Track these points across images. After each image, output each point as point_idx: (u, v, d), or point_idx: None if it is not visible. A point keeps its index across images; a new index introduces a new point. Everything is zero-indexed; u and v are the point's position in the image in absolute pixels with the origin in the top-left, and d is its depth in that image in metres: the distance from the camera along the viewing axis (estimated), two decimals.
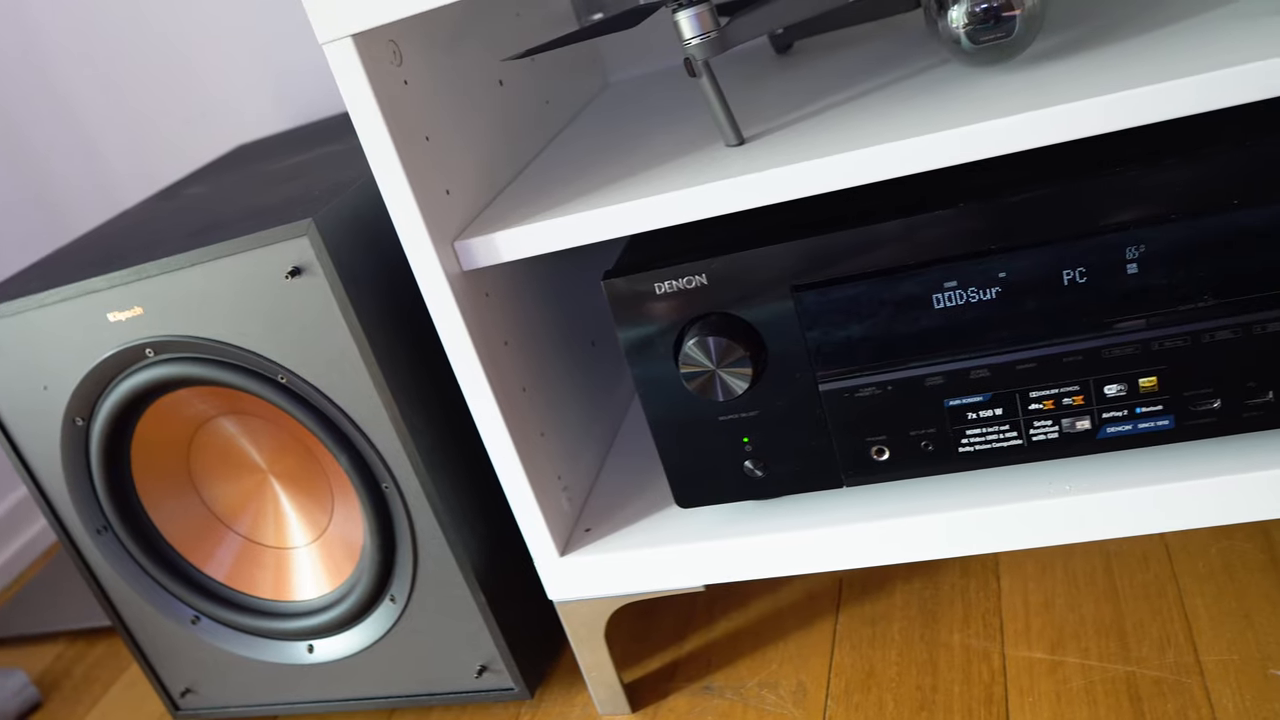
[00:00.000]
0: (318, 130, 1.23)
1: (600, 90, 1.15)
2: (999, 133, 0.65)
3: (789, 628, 0.97)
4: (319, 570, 0.97)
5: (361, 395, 0.83)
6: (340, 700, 1.00)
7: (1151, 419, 0.73)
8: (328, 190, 0.85)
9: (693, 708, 0.91)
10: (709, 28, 0.71)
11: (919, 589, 0.97)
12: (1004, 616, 0.91)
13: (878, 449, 0.77)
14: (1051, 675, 0.83)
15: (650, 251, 0.78)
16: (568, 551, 0.86)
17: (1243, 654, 0.80)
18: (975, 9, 0.69)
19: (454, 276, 0.76)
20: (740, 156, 0.74)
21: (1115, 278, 0.69)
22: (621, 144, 0.88)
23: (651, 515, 0.88)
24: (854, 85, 0.83)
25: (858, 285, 0.72)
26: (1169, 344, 0.70)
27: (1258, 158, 0.65)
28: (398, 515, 0.88)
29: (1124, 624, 0.86)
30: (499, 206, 0.81)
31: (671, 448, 0.80)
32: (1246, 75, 0.61)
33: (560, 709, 0.95)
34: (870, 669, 0.90)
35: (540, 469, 0.84)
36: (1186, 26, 0.72)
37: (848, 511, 0.81)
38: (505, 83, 0.91)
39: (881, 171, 0.67)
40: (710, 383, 0.75)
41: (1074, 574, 0.93)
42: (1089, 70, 0.69)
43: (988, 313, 0.71)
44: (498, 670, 0.94)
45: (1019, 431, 0.75)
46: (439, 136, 0.78)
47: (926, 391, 0.75)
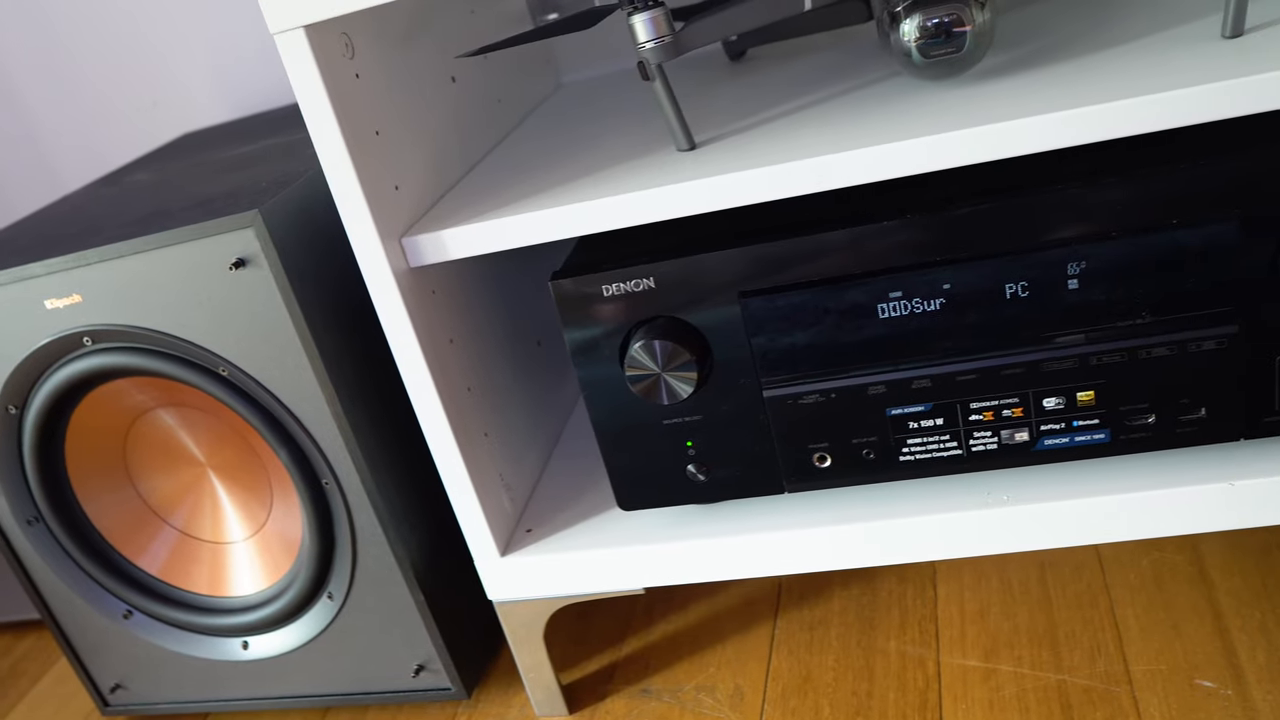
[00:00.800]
0: (266, 121, 1.21)
1: (553, 91, 1.15)
2: (947, 146, 0.66)
3: (727, 632, 0.97)
4: (256, 566, 0.96)
5: (304, 390, 0.82)
6: (274, 698, 0.99)
7: (1088, 432, 0.74)
8: (275, 182, 0.84)
9: (630, 710, 0.91)
10: (664, 32, 0.71)
11: (857, 595, 0.97)
12: (940, 624, 0.92)
13: (820, 456, 0.78)
14: (985, 683, 0.84)
15: (598, 253, 0.78)
16: (508, 552, 0.86)
17: (1170, 664, 0.82)
18: (927, 23, 0.70)
19: (401, 273, 0.76)
20: (691, 161, 0.74)
21: (1056, 293, 0.70)
22: (572, 145, 0.88)
23: (593, 517, 0.87)
24: (805, 94, 0.84)
25: (804, 293, 0.73)
26: (1107, 359, 0.72)
27: (1196, 179, 0.66)
28: (337, 512, 0.87)
29: (1056, 633, 0.87)
30: (448, 204, 0.81)
31: (615, 450, 0.80)
32: (1188, 98, 0.63)
33: (497, 709, 0.95)
34: (807, 674, 0.90)
35: (483, 468, 0.84)
36: (1133, 48, 0.73)
37: (788, 517, 0.81)
38: (458, 80, 0.90)
39: (830, 181, 0.68)
40: (655, 386, 0.75)
41: (1009, 583, 0.94)
42: (1036, 88, 0.70)
43: (931, 323, 0.72)
44: (435, 670, 0.93)
45: (959, 442, 0.76)
46: (389, 131, 0.77)
47: (869, 400, 0.75)
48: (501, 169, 0.87)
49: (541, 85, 1.12)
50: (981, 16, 0.70)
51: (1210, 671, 0.80)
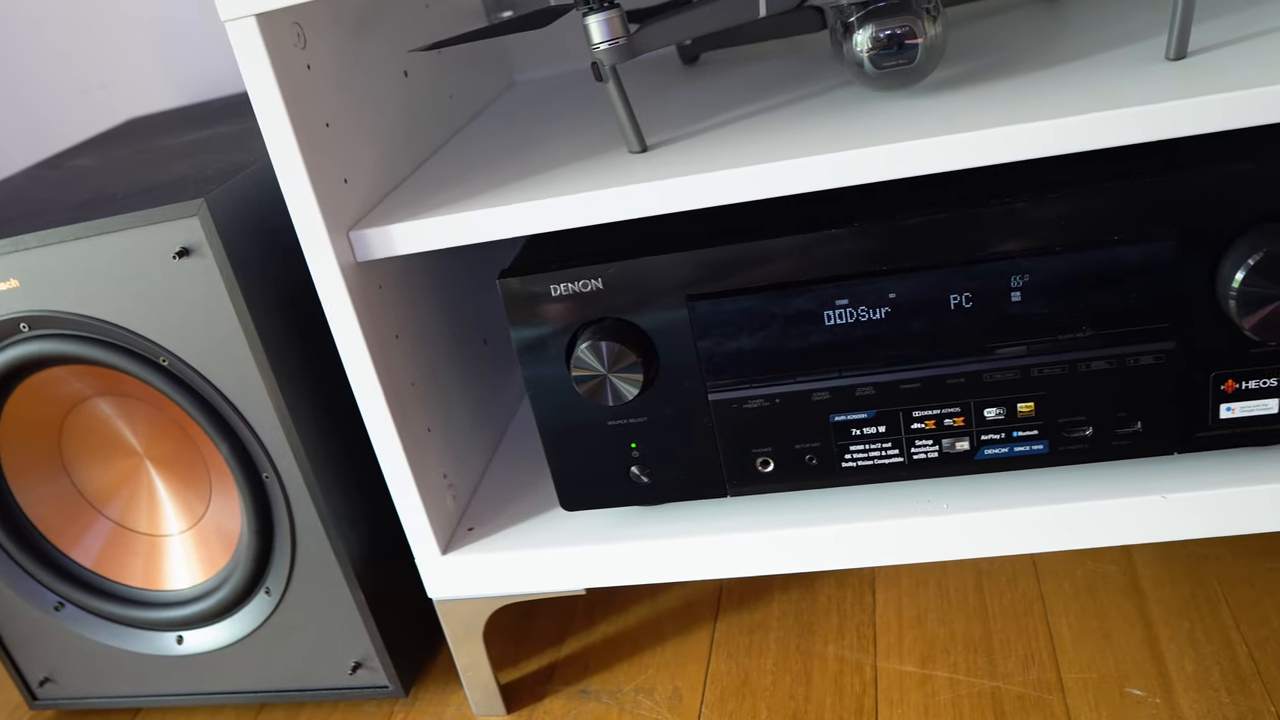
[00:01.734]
0: (215, 109, 1.20)
1: (506, 88, 1.15)
2: (896, 157, 0.67)
3: (667, 634, 0.98)
4: (192, 559, 0.95)
5: (246, 382, 0.81)
6: (208, 694, 0.98)
7: (1027, 443, 0.75)
8: (222, 171, 0.83)
9: (568, 711, 0.91)
10: (618, 33, 0.71)
11: (796, 600, 0.98)
12: (878, 629, 0.92)
13: (763, 460, 0.78)
14: (921, 688, 0.85)
15: (547, 253, 0.78)
16: (449, 550, 0.85)
17: (1101, 672, 0.83)
18: (879, 35, 0.71)
19: (348, 267, 0.75)
20: (642, 164, 0.74)
21: (1000, 304, 0.71)
22: (524, 143, 0.88)
23: (535, 517, 0.87)
24: (758, 100, 0.84)
25: (751, 298, 0.73)
26: (1047, 371, 0.73)
27: (1137, 197, 0.68)
28: (277, 506, 0.86)
29: (992, 640, 0.88)
30: (397, 198, 0.81)
31: (559, 450, 0.80)
32: (1129, 118, 0.64)
33: (435, 708, 0.95)
34: (745, 677, 0.91)
35: (425, 466, 0.83)
36: (1079, 67, 0.75)
37: (730, 521, 0.81)
38: (410, 74, 0.90)
39: (780, 187, 0.68)
40: (601, 387, 0.75)
41: (947, 590, 0.95)
42: (984, 102, 0.71)
43: (876, 332, 0.73)
44: (373, 667, 0.93)
45: (901, 449, 0.76)
46: (340, 124, 0.77)
47: (813, 406, 0.76)
48: (452, 165, 0.86)
49: (494, 83, 1.12)
50: (933, 30, 0.71)
51: (1140, 680, 0.82)
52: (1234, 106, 0.63)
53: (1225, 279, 0.67)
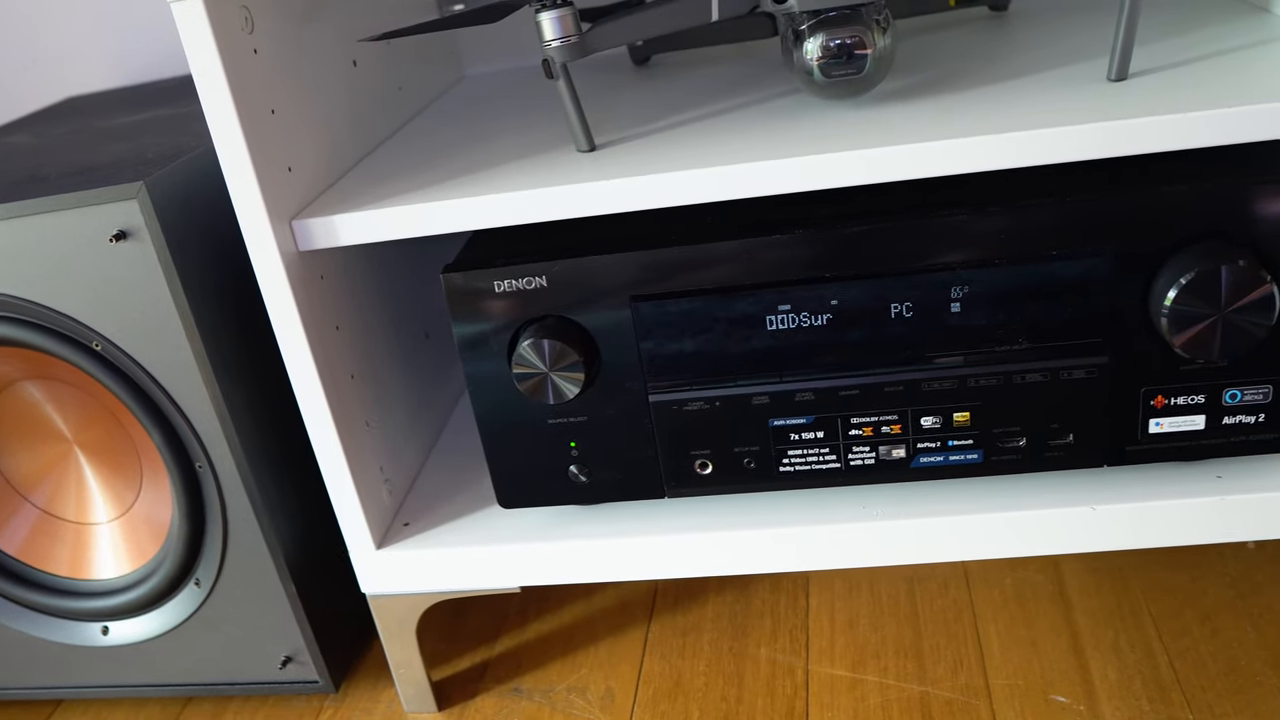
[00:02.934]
0: (158, 91, 1.18)
1: (455, 82, 1.14)
2: (841, 165, 0.67)
3: (601, 634, 0.98)
4: (120, 549, 0.93)
5: (181, 370, 0.80)
6: (133, 686, 0.96)
7: (962, 452, 0.76)
8: (163, 154, 0.82)
9: (500, 709, 0.91)
10: (570, 31, 0.71)
11: (731, 602, 0.99)
12: (810, 633, 0.93)
13: (701, 463, 0.79)
14: (851, 692, 0.86)
15: (492, 249, 0.78)
16: (384, 545, 0.85)
17: (1028, 679, 0.85)
18: (829, 44, 0.71)
19: (289, 256, 0.74)
20: (590, 163, 0.74)
21: (939, 315, 0.72)
22: (472, 138, 0.87)
23: (472, 513, 0.87)
24: (707, 104, 0.84)
25: (694, 301, 0.73)
26: (983, 382, 0.74)
27: (1075, 214, 0.69)
28: (209, 497, 0.85)
29: (922, 646, 0.90)
30: (341, 189, 0.80)
31: (497, 447, 0.80)
32: (1069, 136, 0.65)
33: (365, 704, 0.94)
34: (678, 678, 0.91)
35: (363, 459, 0.83)
36: (1023, 84, 0.76)
37: (667, 522, 0.82)
38: (359, 64, 0.89)
39: (726, 191, 0.69)
40: (542, 385, 0.75)
41: (879, 595, 0.96)
42: (930, 114, 0.72)
43: (817, 338, 0.74)
44: (303, 662, 0.92)
45: (838, 455, 0.77)
46: (285, 111, 0.76)
47: (753, 410, 0.76)
48: (398, 157, 0.85)
49: (444, 76, 1.11)
50: (882, 41, 0.72)
51: (1065, 687, 0.83)
52: (1169, 129, 0.64)
53: (1158, 297, 0.69)
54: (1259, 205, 0.67)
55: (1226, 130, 0.64)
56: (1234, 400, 0.73)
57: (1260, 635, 0.85)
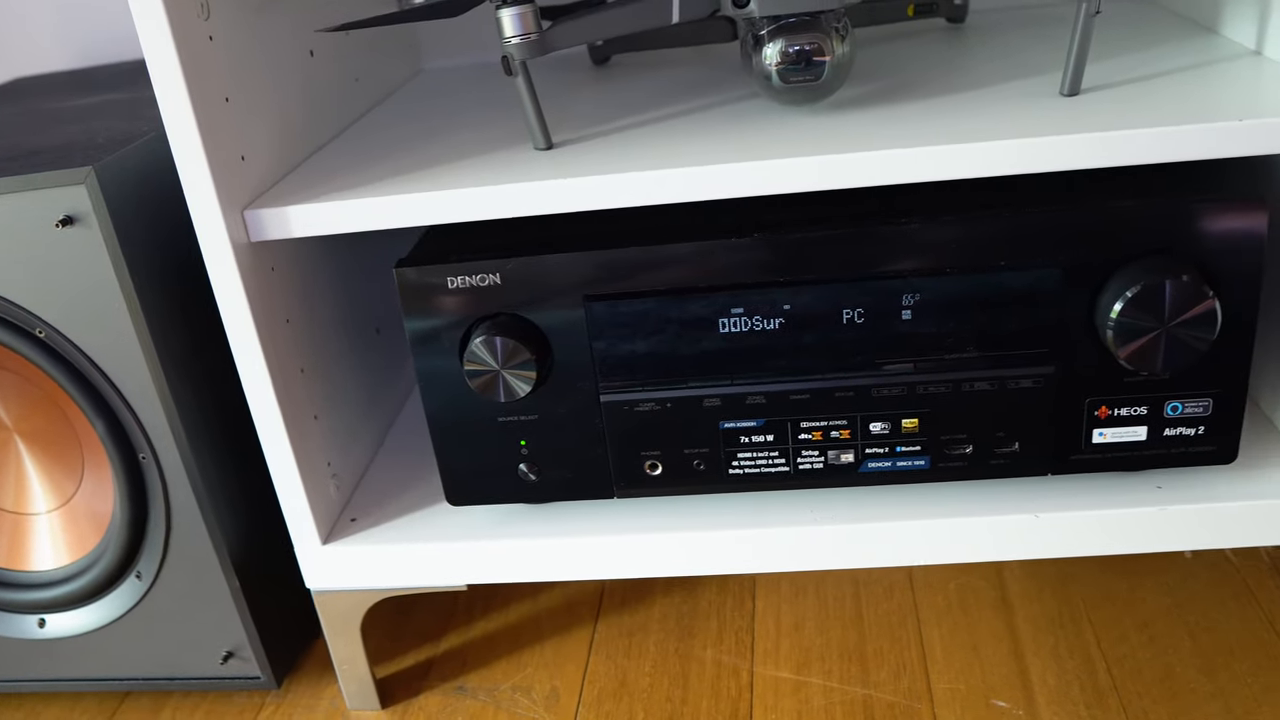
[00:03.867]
0: (110, 74, 1.16)
1: (413, 75, 1.14)
2: (796, 171, 0.68)
3: (547, 633, 0.97)
4: (60, 540, 0.91)
5: (126, 359, 0.78)
6: (69, 680, 0.94)
7: (910, 458, 0.77)
8: (113, 139, 0.81)
9: (444, 707, 0.90)
10: (531, 29, 0.71)
11: (678, 603, 0.99)
12: (756, 635, 0.94)
13: (651, 464, 0.79)
14: (795, 694, 0.87)
15: (446, 244, 0.78)
16: (330, 540, 0.84)
17: (969, 684, 0.86)
18: (788, 50, 0.72)
19: (240, 246, 0.74)
20: (547, 161, 0.74)
21: (890, 322, 0.73)
22: (428, 132, 0.87)
23: (420, 510, 0.86)
24: (665, 106, 0.84)
25: (648, 301, 0.74)
26: (932, 389, 0.74)
27: (1025, 226, 0.70)
28: (153, 489, 0.84)
29: (866, 649, 0.90)
30: (295, 180, 0.79)
31: (447, 444, 0.80)
32: (1019, 149, 0.66)
33: (307, 701, 0.93)
34: (624, 678, 0.91)
35: (310, 453, 0.82)
36: (978, 96, 0.77)
37: (616, 522, 0.82)
38: (316, 54, 0.88)
39: (682, 194, 0.69)
40: (493, 382, 0.75)
41: (825, 599, 0.97)
42: (885, 123, 0.72)
43: (769, 342, 0.74)
44: (245, 658, 0.91)
45: (787, 459, 0.78)
46: (240, 99, 0.75)
47: (703, 412, 0.77)
48: (353, 150, 0.85)
49: (402, 69, 1.10)
50: (841, 48, 0.72)
51: (1005, 692, 0.84)
52: (1119, 145, 0.66)
53: (1104, 309, 0.70)
54: (1203, 222, 0.68)
55: (1173, 148, 0.65)
56: (1175, 412, 0.74)
57: (1195, 643, 0.87)
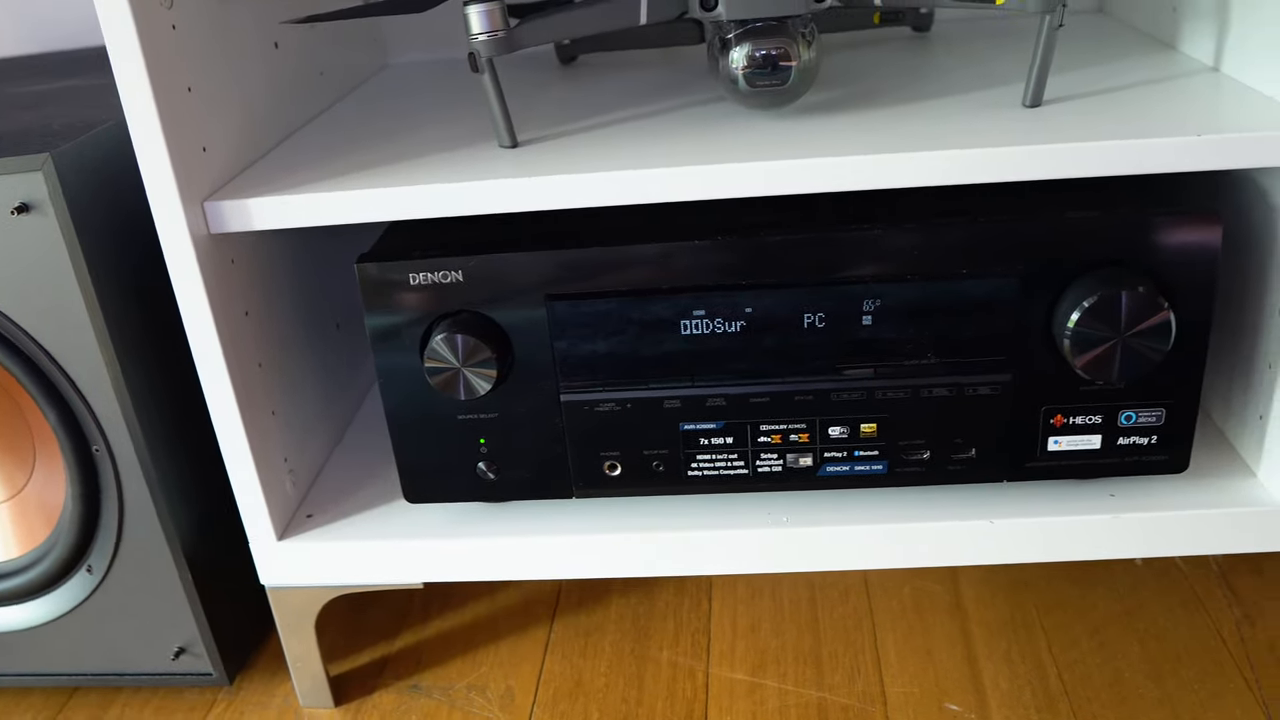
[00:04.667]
0: (70, 60, 1.14)
1: (379, 70, 1.13)
2: (760, 175, 0.68)
3: (503, 632, 0.97)
4: (8, 532, 0.90)
5: (81, 349, 0.77)
6: (16, 675, 0.93)
7: (867, 463, 0.77)
8: (71, 126, 0.79)
9: (398, 706, 0.90)
10: (498, 26, 0.71)
11: (634, 604, 0.99)
12: (712, 637, 0.94)
13: (611, 464, 0.79)
14: (750, 696, 0.87)
15: (409, 240, 0.77)
16: (286, 536, 0.83)
17: (923, 687, 0.86)
18: (755, 54, 0.72)
19: (200, 238, 0.73)
20: (512, 159, 0.74)
21: (850, 327, 0.73)
22: (393, 128, 0.86)
23: (377, 507, 0.86)
24: (631, 107, 0.85)
25: (610, 302, 0.74)
26: (891, 394, 0.75)
27: (985, 235, 0.70)
28: (106, 482, 0.83)
29: (821, 652, 0.91)
30: (257, 172, 0.78)
31: (406, 441, 0.79)
32: (981, 159, 0.67)
33: (259, 698, 0.92)
34: (579, 679, 0.91)
35: (267, 449, 0.81)
36: (942, 105, 0.77)
37: (574, 522, 0.82)
38: (281, 46, 0.87)
39: (647, 194, 0.69)
40: (453, 380, 0.74)
41: (781, 602, 0.97)
42: (849, 129, 0.73)
43: (730, 344, 0.74)
44: (197, 654, 0.90)
45: (746, 461, 0.78)
46: (203, 89, 0.74)
47: (664, 413, 0.77)
48: (317, 143, 0.84)
49: (367, 62, 1.10)
50: (807, 54, 0.73)
51: (958, 696, 0.85)
52: (1079, 157, 0.66)
53: (1061, 319, 0.71)
54: (1160, 235, 0.69)
55: (1132, 161, 0.66)
56: (1129, 422, 0.75)
57: (1144, 649, 0.88)
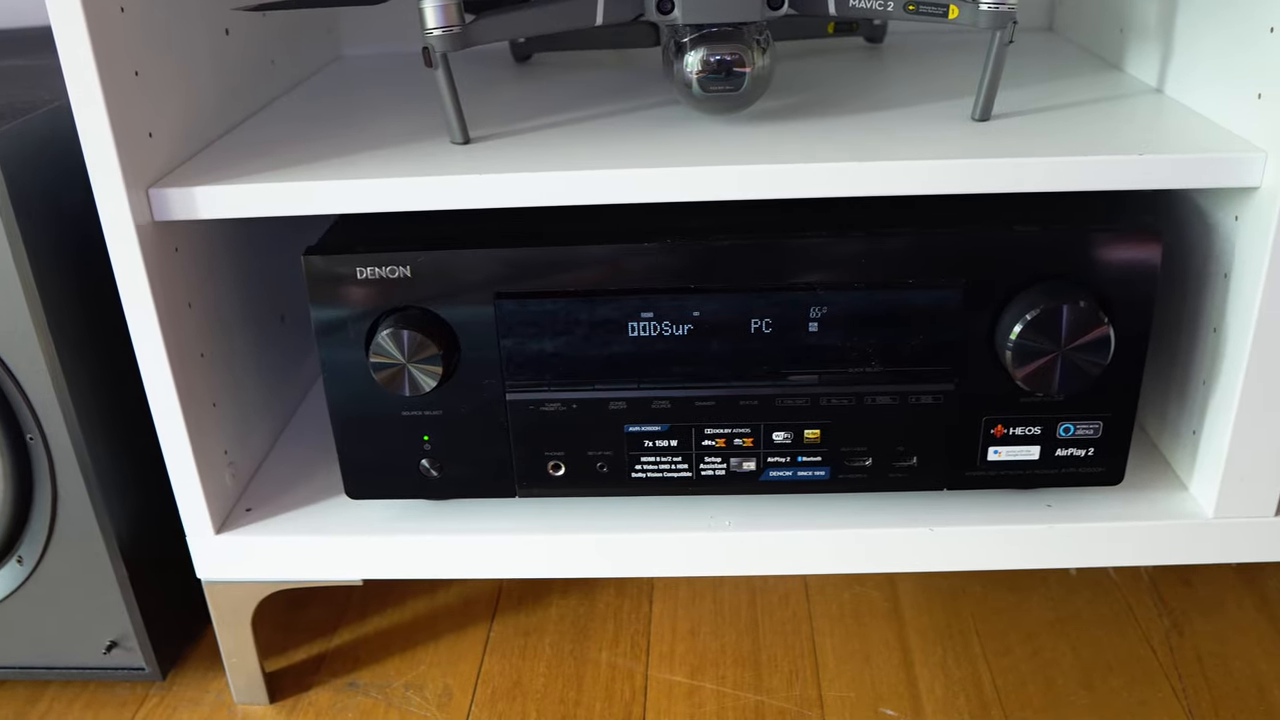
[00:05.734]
0: (13, 39, 1.12)
1: (331, 60, 1.12)
2: (712, 180, 0.68)
3: (442, 631, 0.97)
4: None
5: (18, 336, 0.76)
6: None
7: (810, 468, 0.78)
8: (13, 107, 0.78)
9: (334, 703, 0.89)
10: (454, 21, 0.71)
11: (575, 605, 0.99)
12: (652, 639, 0.94)
13: (555, 464, 0.79)
14: (688, 699, 0.87)
15: (357, 234, 0.77)
16: (224, 530, 0.82)
17: (859, 692, 0.87)
18: (709, 59, 0.72)
19: (143, 225, 0.72)
20: (463, 155, 0.73)
21: (797, 333, 0.74)
22: (344, 120, 0.86)
23: (318, 502, 0.85)
24: (585, 107, 0.85)
25: (558, 302, 0.74)
26: (835, 401, 0.76)
27: (931, 246, 0.71)
28: (40, 471, 0.81)
29: (759, 656, 0.91)
30: (204, 160, 0.77)
31: (349, 436, 0.79)
32: (933, 170, 0.67)
33: (192, 694, 0.91)
34: (518, 678, 0.91)
35: (206, 441, 0.80)
36: (892, 116, 0.78)
37: (516, 521, 0.81)
38: (232, 33, 0.86)
39: (596, 196, 0.69)
40: (398, 376, 0.74)
41: (721, 605, 0.98)
42: (802, 137, 0.73)
43: (677, 347, 0.74)
44: (129, 648, 0.88)
45: (690, 465, 0.78)
46: (150, 74, 0.73)
47: (609, 414, 0.77)
48: (266, 133, 0.83)
49: (320, 53, 1.09)
50: (762, 61, 0.73)
51: (894, 701, 0.86)
52: (1025, 172, 0.67)
53: (1004, 331, 0.72)
54: (1101, 250, 0.71)
55: (1077, 177, 0.68)
56: (1067, 434, 0.76)
57: (1076, 657, 0.90)
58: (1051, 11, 1.09)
